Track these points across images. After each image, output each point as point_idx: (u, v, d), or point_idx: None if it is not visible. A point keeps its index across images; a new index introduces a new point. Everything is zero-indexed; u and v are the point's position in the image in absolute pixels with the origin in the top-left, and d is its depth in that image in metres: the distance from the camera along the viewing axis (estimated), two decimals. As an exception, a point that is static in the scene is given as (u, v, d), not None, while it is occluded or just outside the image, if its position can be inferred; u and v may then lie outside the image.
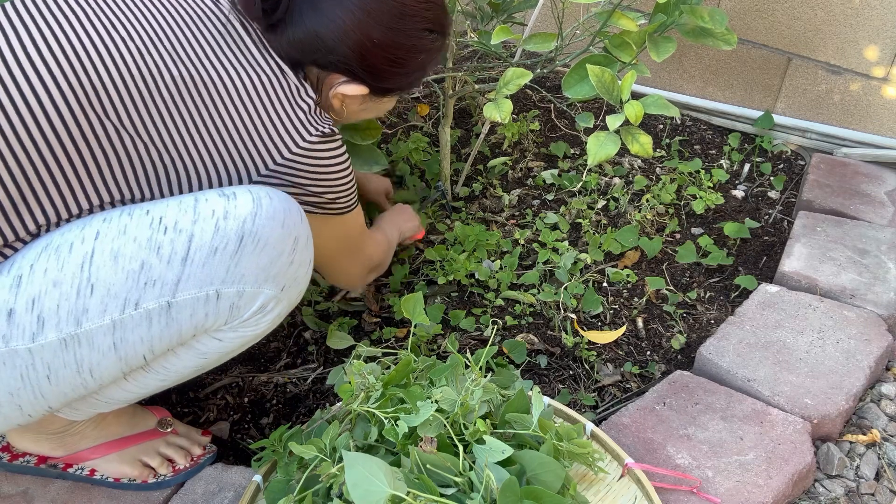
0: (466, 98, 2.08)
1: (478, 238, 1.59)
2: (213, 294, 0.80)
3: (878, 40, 1.75)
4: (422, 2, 0.95)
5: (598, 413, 1.27)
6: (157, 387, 0.94)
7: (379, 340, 1.40)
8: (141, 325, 0.79)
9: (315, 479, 0.94)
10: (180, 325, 0.81)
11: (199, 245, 0.78)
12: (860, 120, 1.85)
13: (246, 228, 0.80)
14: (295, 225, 0.85)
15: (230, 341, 0.89)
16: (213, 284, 0.80)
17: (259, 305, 0.85)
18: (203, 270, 0.78)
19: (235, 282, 0.81)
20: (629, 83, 1.19)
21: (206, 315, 0.82)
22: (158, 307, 0.79)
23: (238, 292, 0.81)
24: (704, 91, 2.03)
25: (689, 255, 1.60)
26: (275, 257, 0.83)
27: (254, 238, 0.80)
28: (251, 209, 0.81)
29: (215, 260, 0.79)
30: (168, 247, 0.78)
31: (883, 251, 1.53)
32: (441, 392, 0.97)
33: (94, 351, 0.79)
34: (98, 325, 0.78)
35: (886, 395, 1.29)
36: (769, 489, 1.07)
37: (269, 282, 0.83)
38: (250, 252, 0.80)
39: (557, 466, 0.93)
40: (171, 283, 0.78)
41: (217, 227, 0.79)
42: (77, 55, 0.79)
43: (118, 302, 0.78)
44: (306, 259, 0.88)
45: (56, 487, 1.06)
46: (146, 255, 0.77)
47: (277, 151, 0.89)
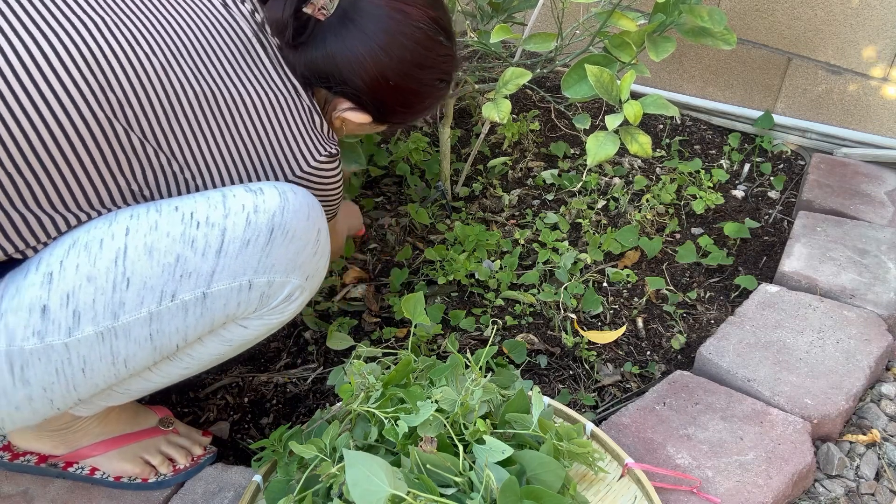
0: (466, 98, 2.08)
1: (478, 238, 1.59)
2: (246, 284, 0.84)
3: (878, 40, 1.75)
4: (441, 55, 0.98)
5: (598, 413, 1.27)
6: (180, 375, 0.96)
7: (379, 340, 1.40)
8: (177, 315, 0.82)
9: (315, 479, 0.94)
10: (213, 315, 0.85)
11: (232, 238, 0.82)
12: (860, 120, 1.85)
13: (276, 221, 0.84)
14: (318, 218, 0.90)
15: (255, 328, 0.92)
16: (246, 275, 0.84)
17: (287, 294, 0.89)
18: (236, 262, 0.83)
19: (266, 272, 0.85)
20: (628, 83, 1.19)
21: (239, 304, 0.86)
22: (194, 298, 0.82)
23: (268, 282, 0.86)
24: (704, 91, 2.03)
25: (689, 255, 1.60)
26: (301, 248, 0.87)
27: (283, 230, 0.85)
28: (279, 203, 0.85)
29: (248, 251, 0.83)
30: (202, 240, 0.82)
31: (883, 251, 1.53)
32: (441, 392, 0.97)
33: (131, 342, 0.82)
34: (135, 317, 0.81)
35: (886, 395, 1.29)
36: (769, 489, 1.07)
37: (296, 271, 0.88)
38: (280, 243, 0.85)
39: (557, 466, 0.93)
40: (206, 275, 0.82)
41: (248, 221, 0.83)
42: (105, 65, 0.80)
43: (155, 294, 0.81)
44: (327, 250, 0.93)
45: (56, 487, 1.06)
46: (181, 249, 0.81)
47: (290, 169, 0.93)
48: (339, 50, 0.93)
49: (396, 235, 1.66)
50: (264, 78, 0.91)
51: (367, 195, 1.77)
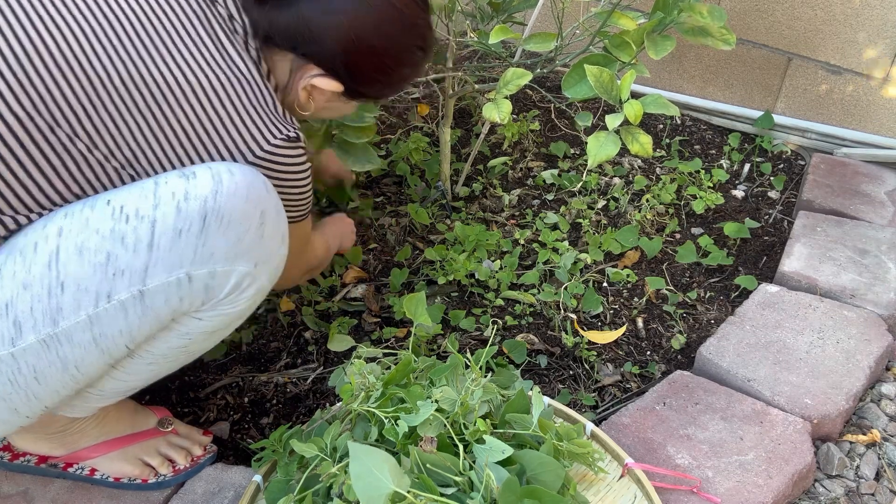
0: (466, 98, 2.08)
1: (478, 238, 1.59)
2: (185, 277, 0.79)
3: (878, 40, 1.75)
4: (419, 18, 0.94)
5: (598, 413, 1.27)
6: (150, 372, 0.92)
7: (379, 340, 1.40)
8: (117, 316, 0.78)
9: (315, 478, 0.94)
10: (157, 312, 0.80)
11: (162, 230, 0.77)
12: (860, 120, 1.85)
13: (208, 207, 0.78)
14: (260, 198, 0.82)
15: (210, 320, 0.87)
16: (183, 267, 0.78)
17: (234, 283, 0.83)
18: (170, 255, 0.77)
19: (205, 262, 0.79)
20: (628, 82, 1.19)
21: (181, 299, 0.80)
22: (131, 297, 0.78)
23: (210, 273, 0.80)
24: (704, 91, 2.03)
25: (689, 255, 1.60)
26: (242, 233, 0.80)
27: (217, 215, 0.78)
28: (211, 187, 0.79)
29: (181, 242, 0.77)
30: (132, 235, 0.77)
31: (883, 251, 1.53)
32: (441, 392, 0.97)
33: (76, 347, 0.79)
34: (74, 321, 0.77)
35: (886, 395, 1.29)
36: (769, 489, 1.07)
37: (240, 259, 0.81)
38: (215, 230, 0.78)
39: (557, 466, 0.93)
40: (139, 271, 0.77)
41: (179, 209, 0.77)
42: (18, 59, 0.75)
43: (90, 296, 0.77)
44: (278, 232, 0.86)
45: (56, 487, 1.06)
46: (111, 246, 0.76)
47: (241, 156, 0.86)
48: (313, 7, 0.86)
49: (396, 235, 1.66)
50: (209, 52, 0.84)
51: (367, 195, 1.77)
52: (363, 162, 1.29)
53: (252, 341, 1.40)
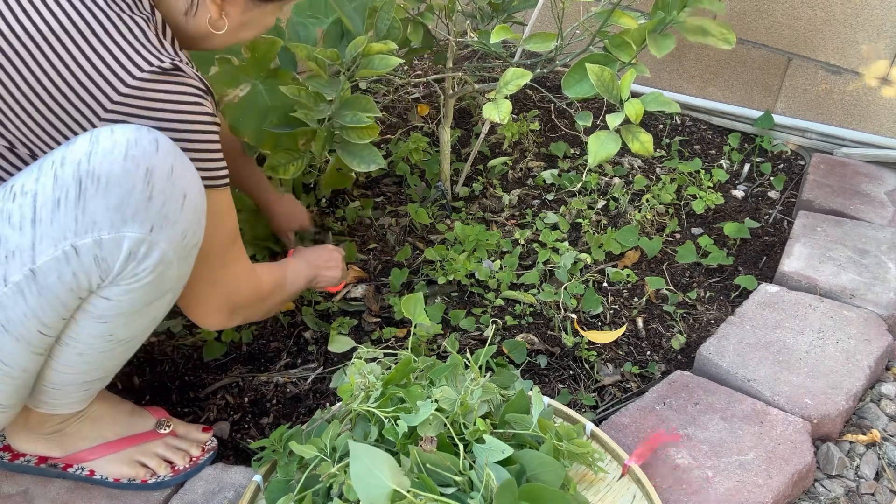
0: (466, 98, 2.08)
1: (478, 238, 1.59)
2: (71, 250, 0.74)
3: (878, 40, 1.75)
4: None
5: (598, 413, 1.27)
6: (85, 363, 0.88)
7: (379, 340, 1.40)
8: (17, 300, 0.75)
9: (315, 478, 0.94)
10: (54, 291, 0.76)
11: (43, 201, 0.73)
12: (860, 120, 1.85)
13: (82, 170, 0.72)
14: (144, 155, 0.74)
15: (119, 299, 0.80)
16: (67, 239, 0.73)
17: (127, 252, 0.76)
18: (52, 227, 0.73)
19: (88, 231, 0.73)
20: (629, 82, 1.19)
21: (74, 274, 0.75)
22: (24, 277, 0.74)
23: (95, 241, 0.74)
24: (704, 91, 2.03)
25: (689, 255, 1.60)
26: (125, 195, 0.73)
27: (93, 178, 0.72)
28: (87, 148, 0.73)
29: (61, 213, 0.72)
30: (17, 213, 0.73)
31: (883, 251, 1.53)
32: (441, 392, 0.97)
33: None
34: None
35: (886, 395, 1.29)
36: (769, 489, 1.06)
37: (127, 224, 0.74)
38: (93, 194, 0.72)
39: (557, 466, 0.93)
40: (27, 250, 0.73)
41: (55, 177, 0.73)
42: None
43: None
44: (176, 193, 0.77)
45: (56, 487, 1.06)
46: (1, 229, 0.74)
47: (99, 101, 0.76)
48: None
49: (396, 235, 1.66)
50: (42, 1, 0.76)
51: (367, 195, 1.77)
52: (368, 162, 1.28)
53: (252, 341, 1.40)
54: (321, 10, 1.41)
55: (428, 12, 1.49)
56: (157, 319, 0.88)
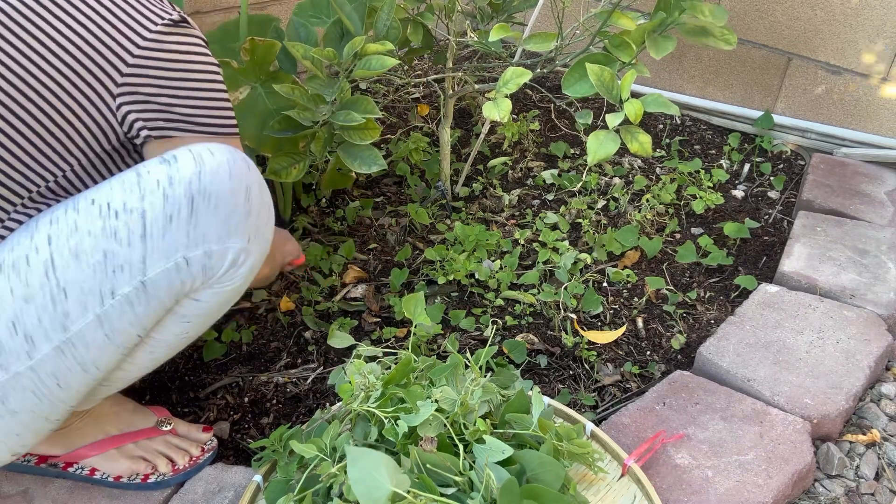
0: (466, 98, 2.08)
1: (478, 238, 1.59)
2: (182, 261, 0.79)
3: (878, 40, 1.75)
4: None
5: (598, 413, 1.27)
6: (150, 361, 0.91)
7: (379, 340, 1.40)
8: (125, 310, 0.79)
9: (315, 478, 0.94)
10: (161, 299, 0.81)
11: (153, 219, 0.77)
12: (860, 120, 1.85)
13: (193, 189, 0.78)
14: (242, 174, 0.81)
15: (207, 300, 0.86)
16: (179, 252, 0.78)
17: (231, 261, 0.83)
18: (164, 241, 0.78)
19: (199, 244, 0.79)
20: (629, 82, 1.19)
21: (183, 282, 0.81)
22: (134, 289, 0.78)
23: (206, 253, 0.80)
24: (704, 91, 2.03)
25: (689, 255, 1.60)
26: (231, 210, 0.80)
27: (204, 196, 0.78)
28: (194, 169, 0.78)
29: (173, 228, 0.77)
30: (124, 229, 0.77)
31: (883, 251, 1.53)
32: (441, 392, 0.97)
33: (91, 348, 0.80)
34: (84, 324, 0.78)
35: (886, 395, 1.29)
36: (769, 489, 1.07)
37: (233, 236, 0.81)
38: (204, 211, 0.78)
39: (557, 466, 0.93)
40: (138, 263, 0.78)
41: (166, 196, 0.77)
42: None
43: (95, 297, 0.78)
44: (264, 207, 0.85)
45: (56, 487, 1.06)
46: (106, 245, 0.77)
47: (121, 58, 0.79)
48: None
49: (396, 235, 1.66)
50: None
51: (367, 195, 1.77)
52: (369, 163, 1.28)
53: (252, 341, 1.40)
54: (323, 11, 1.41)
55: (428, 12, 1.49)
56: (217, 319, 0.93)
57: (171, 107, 0.84)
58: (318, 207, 1.73)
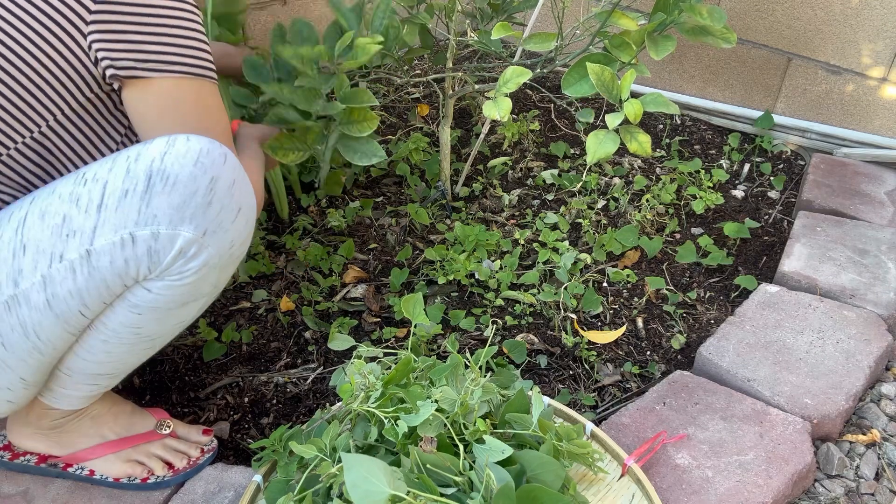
0: (466, 98, 2.08)
1: (478, 238, 1.59)
2: (128, 237, 0.79)
3: (878, 40, 1.75)
4: None
5: (598, 413, 1.27)
6: (105, 353, 0.90)
7: (379, 340, 1.40)
8: (67, 277, 0.80)
9: (315, 479, 0.94)
10: (103, 274, 0.80)
11: (112, 190, 0.78)
12: (860, 120, 1.85)
13: (154, 167, 0.78)
14: (213, 164, 0.80)
15: (159, 293, 0.84)
16: (127, 227, 0.79)
17: (178, 249, 0.81)
18: (116, 214, 0.78)
19: (148, 223, 0.79)
20: (629, 82, 1.19)
21: (126, 261, 0.80)
22: (79, 256, 0.79)
23: (153, 234, 0.79)
24: (704, 91, 2.03)
25: (689, 255, 1.60)
26: (188, 197, 0.79)
27: (162, 176, 0.78)
28: (162, 148, 0.79)
29: (126, 202, 0.78)
30: (86, 196, 0.79)
31: (883, 251, 1.53)
32: (441, 392, 0.97)
33: (33, 310, 0.81)
34: (31, 282, 0.80)
35: (886, 395, 1.29)
36: (769, 489, 1.07)
37: (185, 223, 0.80)
38: (160, 191, 0.78)
39: (557, 466, 0.93)
40: (88, 232, 0.79)
41: (128, 170, 0.78)
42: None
43: (45, 257, 0.79)
44: (233, 205, 0.83)
45: (56, 487, 1.06)
46: (67, 208, 0.79)
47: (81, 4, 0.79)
48: None
49: (396, 235, 1.66)
50: None
51: (367, 195, 1.77)
52: (369, 156, 1.26)
53: (252, 341, 1.40)
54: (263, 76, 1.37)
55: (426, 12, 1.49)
56: (183, 324, 0.91)
57: (141, 44, 0.82)
58: (318, 207, 1.73)
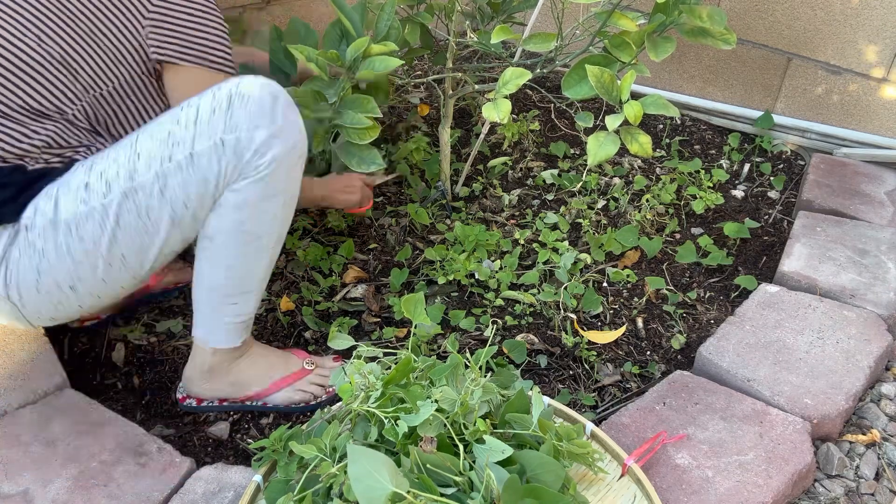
0: (466, 98, 2.08)
1: (478, 238, 1.59)
2: (219, 141, 1.04)
3: (878, 40, 1.75)
4: None
5: (598, 413, 1.27)
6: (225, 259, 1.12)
7: (379, 340, 1.40)
8: (177, 173, 1.04)
9: (315, 478, 0.94)
10: (203, 172, 1.05)
11: (203, 110, 1.04)
12: (860, 120, 1.85)
13: (232, 91, 1.05)
14: (273, 87, 1.07)
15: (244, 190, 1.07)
16: (217, 134, 1.04)
17: (255, 147, 1.05)
18: (209, 127, 1.04)
19: (232, 130, 1.04)
20: (628, 83, 1.19)
21: (219, 159, 1.04)
22: (185, 157, 1.04)
23: (237, 138, 1.04)
24: (704, 91, 2.03)
25: (689, 255, 1.60)
26: (259, 108, 1.05)
27: (240, 96, 1.04)
28: (237, 81, 1.06)
29: (215, 117, 1.04)
30: (184, 117, 1.05)
31: (883, 251, 1.53)
32: (441, 392, 0.97)
33: (147, 196, 1.05)
34: (146, 177, 1.04)
35: (886, 395, 1.29)
36: (769, 489, 1.07)
37: (259, 128, 1.05)
38: (238, 106, 1.04)
39: (557, 466, 0.93)
40: (189, 140, 1.04)
41: (214, 96, 1.05)
42: None
43: (157, 160, 1.04)
44: (291, 115, 1.08)
45: (56, 487, 1.06)
46: (171, 126, 1.05)
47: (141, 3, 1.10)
48: None
49: (396, 235, 1.66)
50: None
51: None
52: (368, 163, 1.29)
53: (252, 341, 1.40)
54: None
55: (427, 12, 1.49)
56: (277, 219, 1.13)
57: (181, 40, 1.13)
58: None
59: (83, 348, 1.38)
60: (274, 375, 1.26)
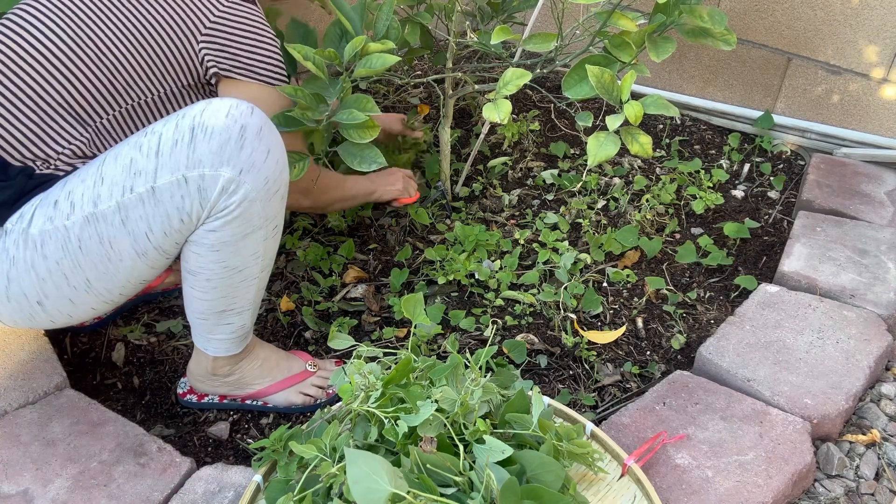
0: (466, 98, 2.08)
1: (478, 238, 1.59)
2: (182, 179, 0.99)
3: (878, 40, 1.75)
4: None
5: (598, 413, 1.27)
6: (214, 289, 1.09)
7: (379, 340, 1.40)
8: (137, 205, 1.00)
9: (315, 479, 0.94)
10: (165, 206, 1.00)
11: (165, 140, 0.99)
12: (860, 120, 1.85)
13: (195, 121, 0.99)
14: (242, 115, 1.00)
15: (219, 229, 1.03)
16: (180, 170, 0.99)
17: (221, 186, 0.99)
18: (171, 160, 0.99)
19: (195, 166, 0.98)
20: (629, 83, 1.19)
21: (182, 197, 0.99)
22: (146, 191, 0.99)
23: (200, 175, 0.99)
24: (704, 91, 2.03)
25: (689, 255, 1.60)
26: (223, 142, 0.98)
27: (202, 128, 0.98)
28: (201, 108, 1.00)
29: (177, 150, 0.98)
30: (146, 145, 1.00)
31: (883, 251, 1.53)
32: (441, 392, 0.97)
33: (109, 225, 1.01)
34: (108, 205, 1.01)
35: (886, 395, 1.29)
36: (769, 489, 1.07)
37: (224, 165, 0.99)
38: (201, 140, 0.98)
39: (557, 466, 0.93)
40: (151, 172, 0.99)
41: (176, 125, 1.00)
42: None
43: (119, 188, 1.00)
44: (261, 147, 1.01)
45: (56, 487, 1.06)
46: (133, 153, 1.01)
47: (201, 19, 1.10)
48: None
49: (396, 235, 1.66)
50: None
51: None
52: (369, 162, 1.28)
53: (252, 341, 1.40)
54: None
55: (426, 12, 1.49)
56: (258, 254, 1.09)
57: (239, 57, 1.13)
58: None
59: (83, 348, 1.38)
60: (276, 376, 1.26)
